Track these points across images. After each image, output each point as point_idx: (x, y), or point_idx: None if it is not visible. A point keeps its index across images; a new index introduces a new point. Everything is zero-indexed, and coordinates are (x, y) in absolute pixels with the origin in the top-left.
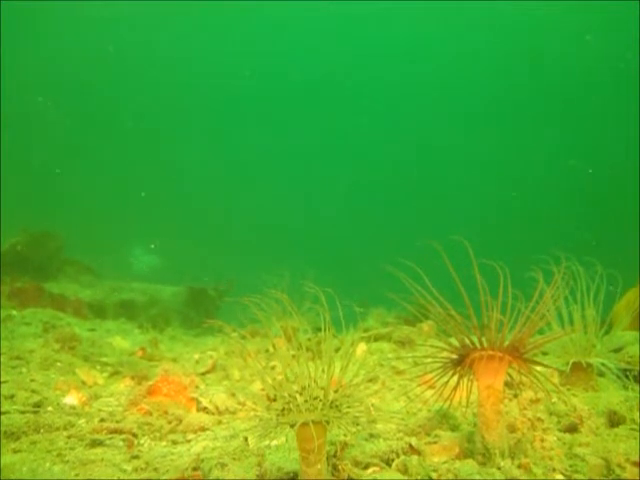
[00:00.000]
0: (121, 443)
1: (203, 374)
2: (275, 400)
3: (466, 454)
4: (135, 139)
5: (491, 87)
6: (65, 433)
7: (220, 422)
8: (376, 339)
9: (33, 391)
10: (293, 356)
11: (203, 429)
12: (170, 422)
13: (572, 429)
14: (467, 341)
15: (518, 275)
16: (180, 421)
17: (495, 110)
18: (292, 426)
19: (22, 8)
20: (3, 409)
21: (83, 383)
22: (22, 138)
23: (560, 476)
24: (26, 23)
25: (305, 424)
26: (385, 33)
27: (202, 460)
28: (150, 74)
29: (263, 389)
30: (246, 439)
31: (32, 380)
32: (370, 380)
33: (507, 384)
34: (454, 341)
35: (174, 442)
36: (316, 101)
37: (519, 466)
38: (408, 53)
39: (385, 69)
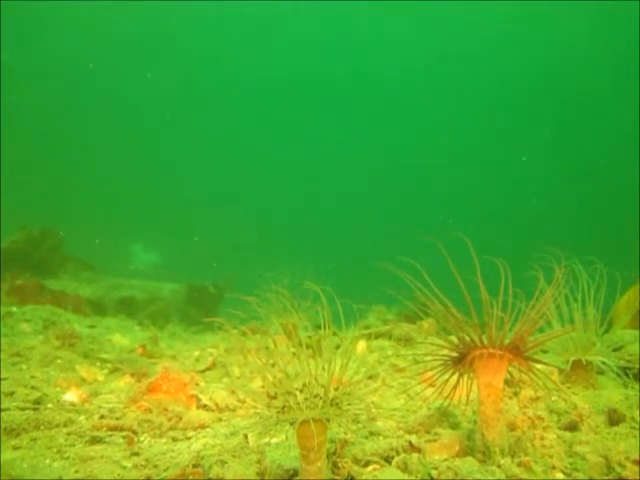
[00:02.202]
0: (121, 440)
1: (203, 371)
2: (275, 397)
3: (466, 452)
4: (136, 138)
5: (492, 84)
6: (65, 430)
7: (220, 419)
8: (376, 337)
9: (33, 388)
10: (293, 354)
11: (203, 426)
12: (170, 419)
13: (572, 427)
14: (467, 339)
15: (518, 274)
16: (180, 418)
17: (496, 108)
18: (292, 424)
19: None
20: (3, 406)
21: (83, 380)
22: (22, 137)
23: (560, 474)
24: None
25: (305, 422)
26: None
27: (202, 457)
28: (150, 73)
29: (263, 386)
30: (246, 436)
31: (32, 377)
32: (370, 378)
33: (507, 382)
34: (454, 339)
35: (174, 439)
36: (315, 99)
37: (519, 464)
38: (407, 49)
39: (382, 64)
